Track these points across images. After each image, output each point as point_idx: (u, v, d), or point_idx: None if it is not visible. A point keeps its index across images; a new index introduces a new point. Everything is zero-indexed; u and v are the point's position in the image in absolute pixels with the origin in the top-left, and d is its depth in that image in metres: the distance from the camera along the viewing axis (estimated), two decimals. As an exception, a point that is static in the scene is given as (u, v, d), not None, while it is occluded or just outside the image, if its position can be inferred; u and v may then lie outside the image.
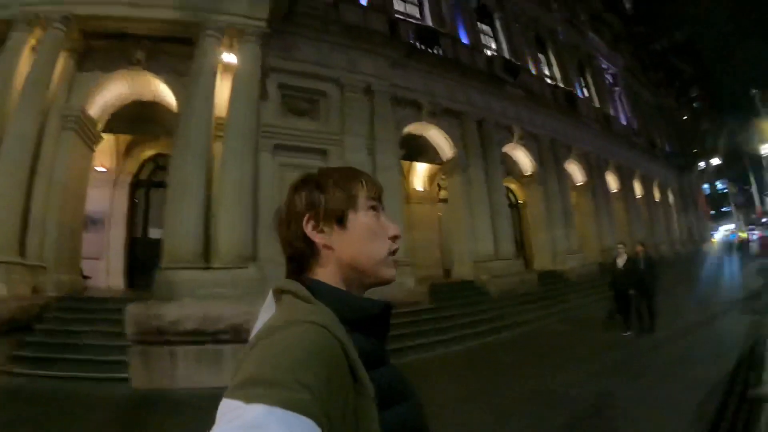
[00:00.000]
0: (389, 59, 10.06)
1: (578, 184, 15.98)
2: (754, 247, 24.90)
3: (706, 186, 48.53)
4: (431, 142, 11.68)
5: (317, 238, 0.69)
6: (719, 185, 56.89)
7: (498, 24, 15.18)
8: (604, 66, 20.89)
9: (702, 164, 39.96)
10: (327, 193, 0.71)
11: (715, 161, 53.14)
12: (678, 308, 9.20)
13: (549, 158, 13.98)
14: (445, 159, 11.75)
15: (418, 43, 11.11)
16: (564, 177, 14.50)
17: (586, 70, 19.38)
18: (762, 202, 46.78)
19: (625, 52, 23.59)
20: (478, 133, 11.84)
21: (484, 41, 14.21)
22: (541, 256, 13.44)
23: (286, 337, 0.50)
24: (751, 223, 46.59)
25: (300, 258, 0.71)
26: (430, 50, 11.34)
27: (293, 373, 0.44)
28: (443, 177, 12.98)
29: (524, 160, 13.73)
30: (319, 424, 0.42)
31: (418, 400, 0.67)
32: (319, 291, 0.63)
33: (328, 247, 0.69)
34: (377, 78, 9.71)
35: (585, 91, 18.62)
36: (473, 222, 10.92)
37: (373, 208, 0.73)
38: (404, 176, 14.56)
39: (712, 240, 37.40)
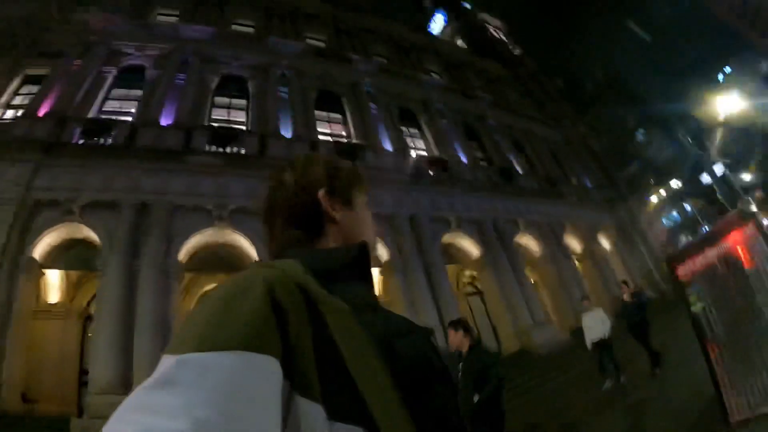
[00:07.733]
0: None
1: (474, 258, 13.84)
2: None
3: (674, 214, 42.65)
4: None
5: (332, 211, 0.70)
6: (687, 207, 51.74)
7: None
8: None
9: (653, 197, 33.68)
10: (341, 171, 0.76)
11: (674, 184, 48.15)
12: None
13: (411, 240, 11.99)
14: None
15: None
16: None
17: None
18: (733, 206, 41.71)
19: (500, 93, 22.90)
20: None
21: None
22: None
23: (232, 286, 0.49)
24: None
25: (302, 227, 0.70)
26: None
27: (230, 315, 0.43)
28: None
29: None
30: (272, 354, 0.41)
31: (424, 332, 0.64)
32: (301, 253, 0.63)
33: (335, 222, 0.70)
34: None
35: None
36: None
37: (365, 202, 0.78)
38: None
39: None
